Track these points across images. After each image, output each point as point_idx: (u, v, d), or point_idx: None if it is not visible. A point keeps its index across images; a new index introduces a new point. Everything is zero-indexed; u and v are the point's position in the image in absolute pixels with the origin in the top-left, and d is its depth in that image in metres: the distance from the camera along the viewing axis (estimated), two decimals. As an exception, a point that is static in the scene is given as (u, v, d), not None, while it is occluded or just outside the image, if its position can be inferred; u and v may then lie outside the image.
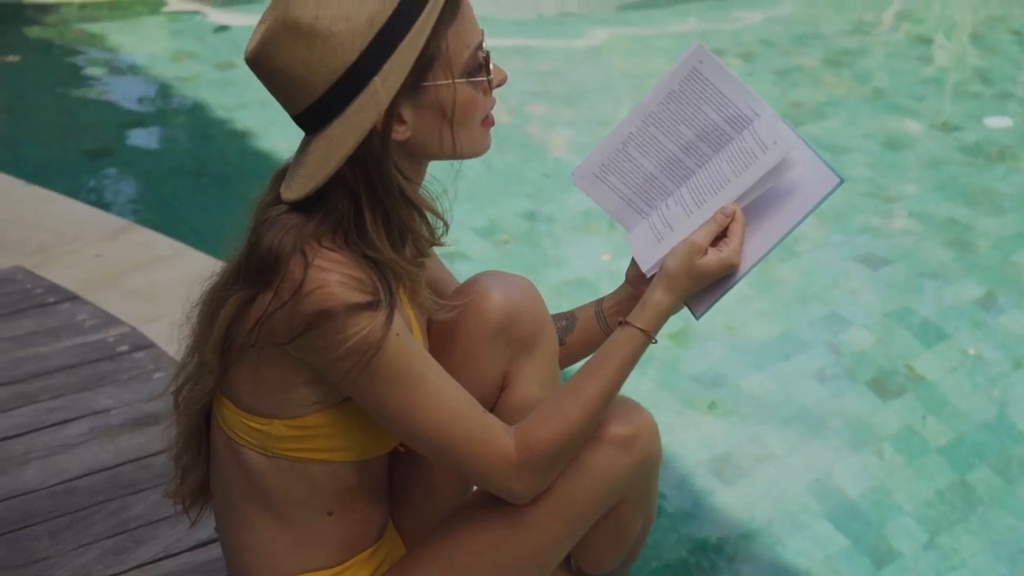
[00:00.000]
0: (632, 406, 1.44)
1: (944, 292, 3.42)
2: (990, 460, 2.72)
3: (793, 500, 2.58)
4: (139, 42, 5.47)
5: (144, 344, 2.44)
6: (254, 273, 1.27)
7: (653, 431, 1.44)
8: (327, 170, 1.23)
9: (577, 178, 1.48)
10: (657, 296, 1.37)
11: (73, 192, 3.30)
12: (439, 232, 1.34)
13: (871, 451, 2.75)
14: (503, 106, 4.66)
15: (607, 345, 1.37)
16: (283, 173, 1.33)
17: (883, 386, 2.97)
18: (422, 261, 1.34)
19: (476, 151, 1.34)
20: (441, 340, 1.44)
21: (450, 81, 1.26)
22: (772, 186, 1.35)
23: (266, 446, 1.35)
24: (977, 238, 3.75)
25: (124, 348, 2.42)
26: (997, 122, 4.71)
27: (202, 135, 4.40)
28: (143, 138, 4.48)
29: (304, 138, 1.28)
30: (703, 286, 1.38)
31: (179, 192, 3.82)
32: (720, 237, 1.38)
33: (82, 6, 5.87)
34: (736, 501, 2.56)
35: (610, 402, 1.37)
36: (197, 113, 4.54)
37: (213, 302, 1.34)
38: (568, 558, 1.60)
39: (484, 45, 1.29)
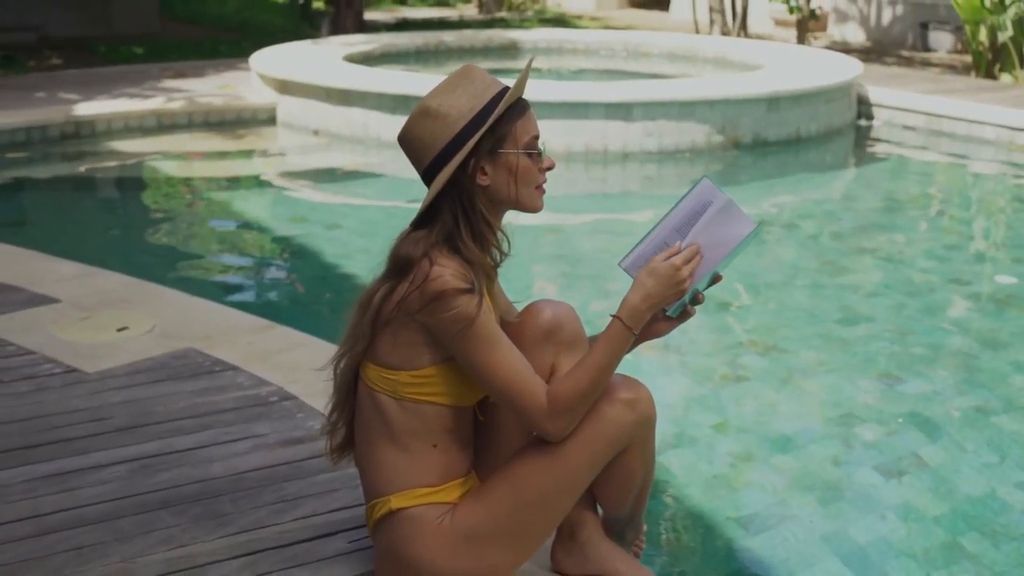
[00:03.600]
0: (636, 381, 2.13)
1: (948, 402, 3.97)
2: (977, 526, 3.21)
3: (809, 546, 3.10)
4: (259, 208, 6.42)
5: (289, 396, 3.13)
6: (395, 270, 2.03)
7: (650, 398, 2.12)
8: (434, 193, 2.01)
9: (624, 264, 2.15)
10: (628, 293, 2.05)
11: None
12: (505, 247, 2.10)
13: (876, 516, 3.26)
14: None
15: (604, 333, 2.05)
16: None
17: (888, 469, 3.51)
18: (495, 268, 2.10)
19: (532, 206, 2.10)
20: (510, 340, 2.12)
21: (516, 151, 2.02)
22: (714, 234, 2.06)
23: (395, 391, 2.05)
24: (977, 363, 4.32)
25: (274, 399, 3.11)
26: (1005, 280, 5.34)
27: (315, 276, 5.22)
28: (267, 277, 5.32)
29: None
30: (659, 283, 2.02)
31: (297, 315, 4.57)
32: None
33: (208, 180, 6.89)
34: (760, 544, 3.08)
35: (609, 369, 2.03)
36: (310, 259, 5.39)
37: (365, 298, 2.07)
38: (595, 505, 2.23)
39: (540, 139, 2.07)
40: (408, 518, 2.08)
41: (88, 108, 7.57)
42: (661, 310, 2.10)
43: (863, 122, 8.44)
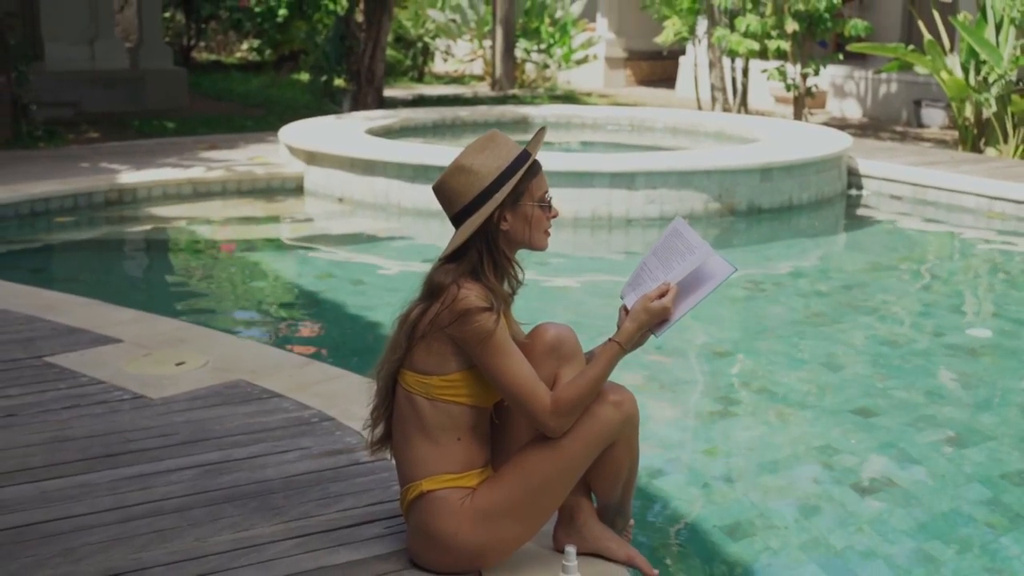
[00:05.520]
0: (622, 387, 2.62)
1: (920, 434, 4.38)
2: (943, 537, 3.58)
3: (789, 552, 3.49)
4: (290, 267, 6.93)
5: (328, 418, 3.58)
6: (429, 294, 2.52)
7: (634, 400, 2.60)
8: (464, 237, 2.51)
9: (623, 294, 2.67)
10: (626, 322, 2.56)
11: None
12: (521, 277, 2.60)
13: (851, 528, 3.65)
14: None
15: (600, 351, 2.56)
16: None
17: (863, 488, 3.92)
18: (511, 296, 2.59)
19: (541, 246, 2.61)
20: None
21: (531, 204, 2.52)
22: (699, 276, 2.57)
23: (428, 393, 2.52)
24: (948, 402, 4.74)
25: (316, 419, 3.57)
26: (978, 332, 5.79)
27: (341, 326, 5.70)
28: (300, 325, 5.80)
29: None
30: (651, 318, 2.55)
31: (328, 357, 5.04)
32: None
33: (242, 241, 7.42)
34: (743, 550, 3.48)
35: (603, 381, 2.53)
36: (337, 311, 5.88)
37: (404, 316, 2.55)
38: (590, 495, 2.67)
39: (548, 193, 2.57)
40: (436, 499, 2.53)
41: (129, 177, 8.14)
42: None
43: (853, 191, 8.97)
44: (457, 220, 2.55)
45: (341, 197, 8.23)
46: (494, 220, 2.51)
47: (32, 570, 2.61)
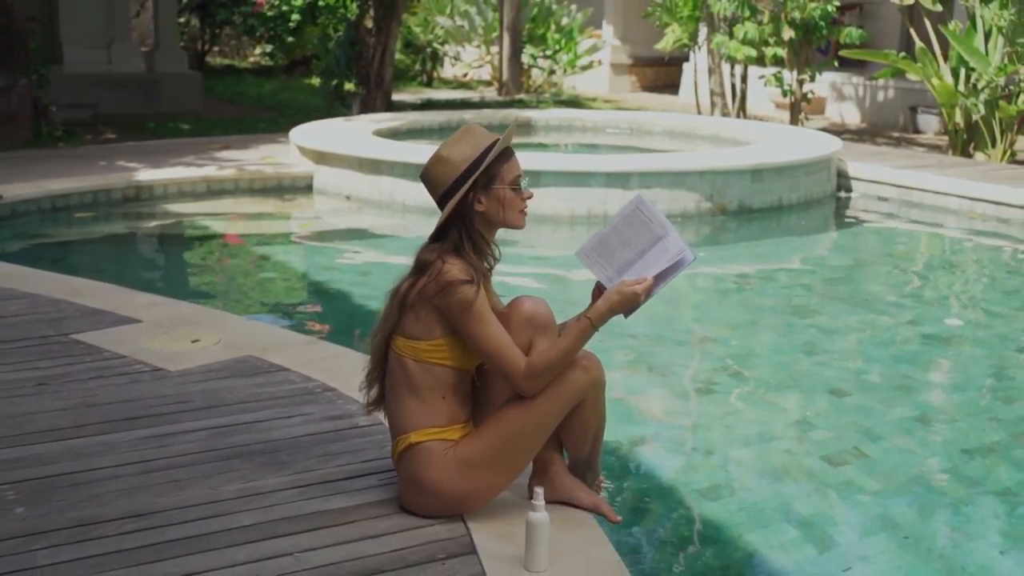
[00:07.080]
0: (591, 353, 2.93)
1: (888, 412, 4.67)
2: (905, 501, 3.85)
3: (761, 510, 3.74)
4: (299, 259, 7.27)
5: (330, 389, 3.90)
6: (417, 269, 2.84)
7: (600, 365, 2.92)
8: (444, 217, 2.82)
9: (579, 254, 2.98)
10: (599, 302, 2.87)
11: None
12: (497, 255, 2.91)
13: (820, 493, 3.91)
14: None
15: (573, 325, 2.86)
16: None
17: (833, 459, 4.19)
18: (489, 271, 2.91)
19: (516, 225, 2.91)
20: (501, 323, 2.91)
21: (503, 187, 2.83)
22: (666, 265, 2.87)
23: (416, 356, 2.84)
24: (919, 385, 5.04)
25: (319, 390, 3.89)
26: (952, 322, 6.09)
27: (348, 311, 6.02)
28: (308, 310, 6.15)
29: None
30: (624, 301, 2.84)
31: (338, 339, 5.35)
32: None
33: (253, 236, 7.77)
34: (718, 510, 3.73)
35: (574, 353, 2.83)
36: (343, 299, 6.22)
37: (395, 289, 2.88)
38: (562, 450, 2.99)
39: (521, 177, 2.87)
40: (422, 450, 2.85)
41: (146, 175, 8.50)
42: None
43: (842, 193, 9.27)
44: (440, 204, 2.88)
45: (348, 195, 8.56)
46: (469, 202, 2.83)
47: (63, 511, 2.94)
